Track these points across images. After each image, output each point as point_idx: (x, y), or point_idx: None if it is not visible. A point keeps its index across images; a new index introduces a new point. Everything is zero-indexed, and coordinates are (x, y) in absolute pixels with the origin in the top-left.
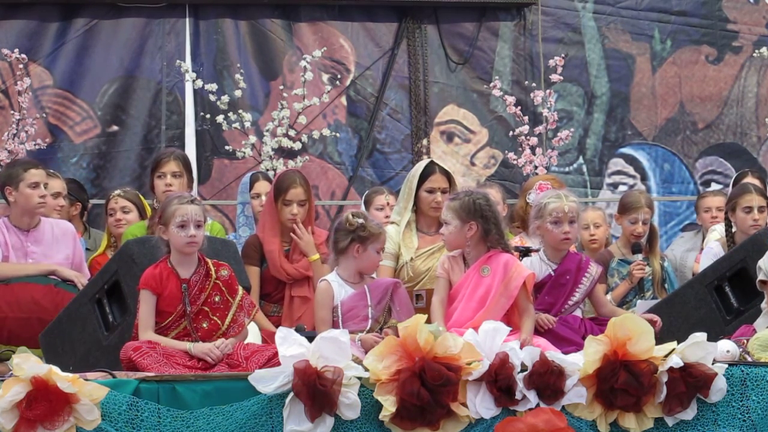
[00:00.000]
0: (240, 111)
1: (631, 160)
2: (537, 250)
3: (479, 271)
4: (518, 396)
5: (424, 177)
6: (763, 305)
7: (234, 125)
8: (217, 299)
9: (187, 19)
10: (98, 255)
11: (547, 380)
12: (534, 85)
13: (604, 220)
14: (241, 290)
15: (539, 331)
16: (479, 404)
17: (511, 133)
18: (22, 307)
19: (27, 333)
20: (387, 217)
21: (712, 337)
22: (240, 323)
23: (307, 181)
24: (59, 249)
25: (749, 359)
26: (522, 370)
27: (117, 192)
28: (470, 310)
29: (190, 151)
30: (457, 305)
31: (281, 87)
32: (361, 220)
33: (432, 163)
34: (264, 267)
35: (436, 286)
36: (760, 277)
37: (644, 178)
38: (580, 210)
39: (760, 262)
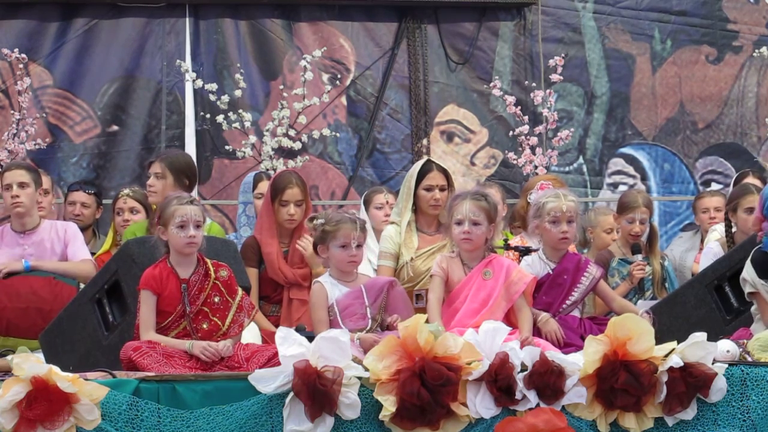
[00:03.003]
0: (240, 111)
1: (631, 160)
2: (536, 250)
3: (481, 275)
4: (518, 396)
5: (421, 175)
6: (753, 310)
7: (234, 125)
8: (216, 300)
9: (187, 19)
10: (103, 253)
11: (547, 380)
12: (534, 85)
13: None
14: (240, 291)
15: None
16: (479, 404)
17: (511, 133)
18: (21, 298)
19: (26, 323)
20: (387, 215)
21: (712, 337)
22: (240, 324)
23: (303, 182)
24: (54, 250)
25: (749, 359)
26: (522, 370)
27: (126, 192)
28: (472, 312)
29: (190, 151)
30: (459, 306)
31: (281, 87)
32: (320, 221)
33: (429, 161)
34: (262, 269)
35: (432, 285)
36: (747, 289)
37: (644, 178)
38: (579, 210)
39: (744, 275)
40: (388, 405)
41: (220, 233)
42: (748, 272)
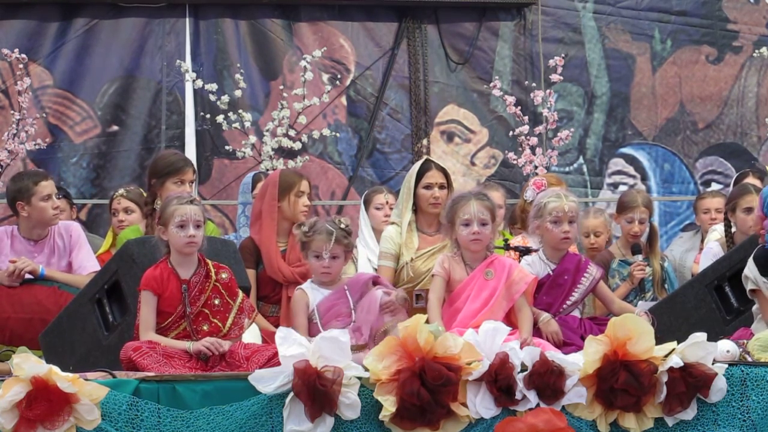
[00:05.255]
0: (240, 111)
1: (632, 160)
2: (536, 250)
3: (483, 275)
4: (518, 396)
5: (420, 174)
6: (754, 309)
7: (234, 125)
8: (216, 302)
9: (187, 19)
10: (102, 253)
11: (547, 380)
12: (534, 85)
13: (606, 227)
14: (240, 294)
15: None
16: (479, 404)
17: (511, 133)
18: (25, 308)
19: (29, 333)
20: (387, 216)
21: (712, 337)
22: (240, 326)
23: None
24: (62, 256)
25: (749, 359)
26: (522, 370)
27: (120, 192)
28: (474, 312)
29: (190, 151)
30: (460, 306)
31: (281, 87)
32: (303, 228)
33: (428, 160)
34: (260, 269)
35: (434, 285)
36: (749, 286)
37: (644, 178)
38: (581, 215)
39: (746, 272)
40: (388, 405)
41: (216, 232)
42: (750, 270)
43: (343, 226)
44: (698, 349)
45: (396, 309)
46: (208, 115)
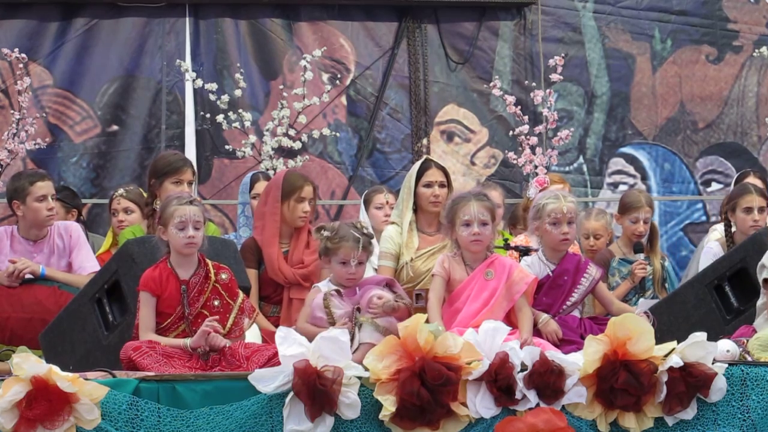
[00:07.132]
0: (240, 110)
1: (632, 160)
2: (536, 250)
3: (483, 275)
4: (518, 396)
5: (420, 173)
6: (759, 304)
7: (234, 125)
8: (216, 303)
9: (187, 19)
10: (102, 253)
11: (547, 380)
12: (534, 84)
13: (606, 231)
14: (241, 294)
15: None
16: (479, 404)
17: (511, 132)
18: (25, 308)
19: (29, 333)
20: (387, 216)
21: (712, 337)
22: (240, 326)
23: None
24: (62, 256)
25: (749, 359)
26: (522, 370)
27: (119, 192)
28: (474, 312)
29: (190, 150)
30: (460, 306)
31: (281, 86)
32: (326, 233)
33: (427, 159)
34: (262, 269)
35: (434, 285)
36: (764, 275)
37: (645, 178)
38: (581, 216)
39: (764, 260)
40: (388, 405)
41: (216, 232)
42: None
43: (365, 231)
44: (698, 348)
45: (377, 313)
46: (208, 115)
